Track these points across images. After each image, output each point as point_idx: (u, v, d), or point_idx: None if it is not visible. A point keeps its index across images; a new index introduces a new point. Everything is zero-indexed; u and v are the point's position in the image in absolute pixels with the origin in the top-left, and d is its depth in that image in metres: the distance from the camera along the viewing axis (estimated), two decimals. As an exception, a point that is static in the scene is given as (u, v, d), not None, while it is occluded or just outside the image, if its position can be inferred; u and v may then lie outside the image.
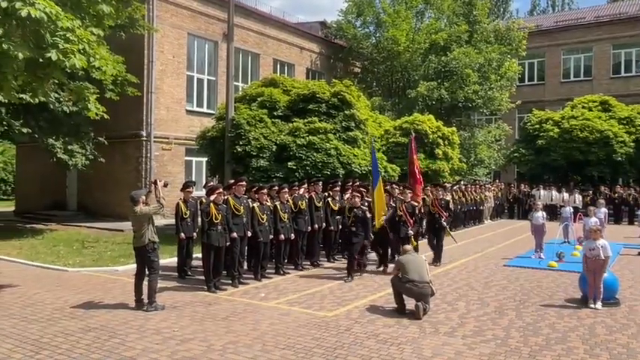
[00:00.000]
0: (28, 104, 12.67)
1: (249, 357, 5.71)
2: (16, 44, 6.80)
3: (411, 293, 7.52)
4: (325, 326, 6.90)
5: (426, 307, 7.43)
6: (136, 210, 7.68)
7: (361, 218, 10.11)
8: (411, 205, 11.01)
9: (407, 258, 7.90)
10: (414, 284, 7.47)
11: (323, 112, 15.17)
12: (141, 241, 7.74)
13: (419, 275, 7.56)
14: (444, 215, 11.91)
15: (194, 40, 20.81)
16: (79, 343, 6.15)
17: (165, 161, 19.32)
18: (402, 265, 7.75)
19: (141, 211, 7.67)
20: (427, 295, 7.54)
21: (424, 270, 7.70)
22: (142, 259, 7.86)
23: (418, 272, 7.58)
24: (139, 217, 7.71)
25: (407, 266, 7.66)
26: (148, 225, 7.72)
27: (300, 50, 26.27)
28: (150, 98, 18.68)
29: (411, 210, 10.96)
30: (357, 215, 10.09)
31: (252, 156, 14.12)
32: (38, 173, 21.55)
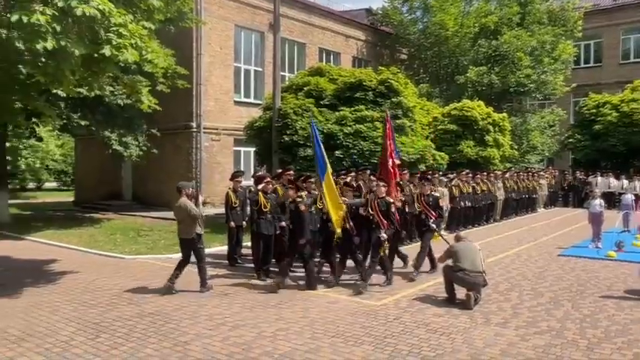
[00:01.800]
0: (85, 98, 13.21)
1: (299, 344, 5.78)
2: (73, 41, 7.04)
3: (462, 282, 7.38)
4: (374, 315, 6.89)
5: (477, 296, 7.29)
6: (180, 201, 7.89)
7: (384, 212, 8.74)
8: (384, 202, 8.70)
9: (460, 246, 7.73)
10: (465, 273, 7.33)
11: (370, 100, 15.05)
12: (187, 233, 7.97)
13: (472, 264, 7.40)
14: (432, 215, 9.61)
15: (241, 31, 21.02)
16: (135, 327, 6.39)
17: (215, 152, 19.70)
18: (454, 253, 7.60)
19: (184, 204, 7.86)
20: (479, 285, 7.39)
21: (478, 259, 7.52)
22: (188, 250, 8.15)
23: (471, 261, 7.42)
24: (181, 209, 7.90)
25: (459, 254, 7.51)
26: (190, 219, 7.94)
27: (345, 38, 26.09)
28: (199, 90, 19.04)
29: (385, 208, 8.66)
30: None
31: (299, 145, 14.18)
32: (95, 165, 22.44)
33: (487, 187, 16.83)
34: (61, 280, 9.06)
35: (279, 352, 5.53)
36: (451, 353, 5.50)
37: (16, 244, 13.08)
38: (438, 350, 5.59)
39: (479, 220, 16.66)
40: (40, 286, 8.58)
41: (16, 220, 16.61)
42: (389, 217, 8.63)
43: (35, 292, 8.16)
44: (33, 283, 8.75)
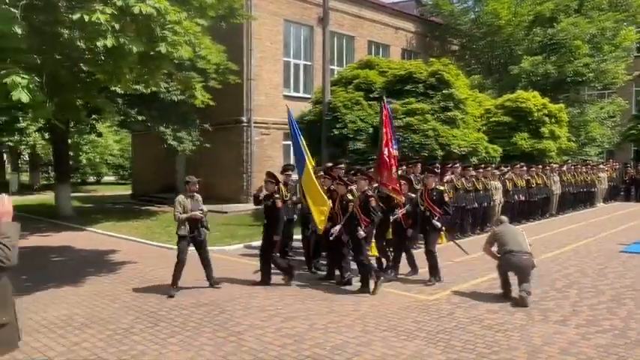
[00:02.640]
0: (142, 95, 13.66)
1: (350, 337, 5.79)
2: (131, 39, 7.27)
3: (512, 266, 7.15)
4: (426, 310, 6.81)
5: (528, 291, 7.02)
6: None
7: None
8: (364, 197, 8.03)
9: (502, 228, 7.53)
10: (513, 254, 7.12)
11: (420, 92, 14.85)
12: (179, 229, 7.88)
13: (518, 245, 7.20)
14: (437, 212, 8.55)
15: (290, 26, 21.13)
16: (191, 317, 6.57)
17: (265, 146, 19.93)
18: (498, 236, 7.39)
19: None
20: (529, 267, 7.15)
21: (522, 240, 7.32)
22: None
23: (517, 242, 7.23)
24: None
25: (504, 237, 7.32)
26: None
27: (395, 30, 25.77)
28: (249, 85, 19.30)
29: (364, 203, 7.95)
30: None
31: (348, 139, 14.17)
32: (151, 159, 23.17)
33: (542, 181, 16.29)
34: (121, 270, 9.44)
35: (330, 345, 5.55)
36: (507, 350, 5.37)
37: (79, 234, 13.71)
38: (494, 347, 5.46)
39: (533, 215, 16.16)
40: (102, 275, 8.97)
41: (78, 213, 17.40)
42: (369, 213, 7.88)
43: (97, 281, 8.53)
44: (95, 272, 9.15)
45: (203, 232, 7.91)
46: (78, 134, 25.34)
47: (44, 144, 27.02)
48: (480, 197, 13.18)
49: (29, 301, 6.99)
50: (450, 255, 10.16)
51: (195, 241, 7.89)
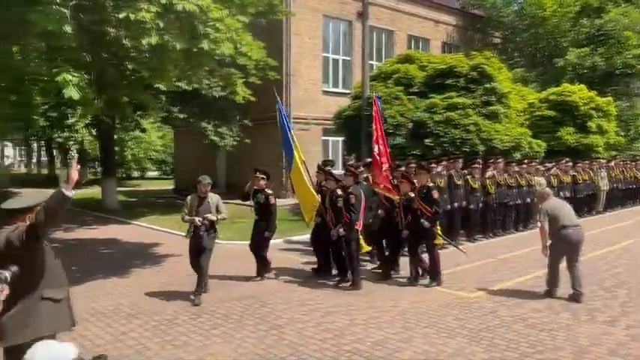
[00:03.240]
0: (184, 91, 13.93)
1: (391, 333, 5.77)
2: (174, 36, 7.44)
3: (570, 242, 6.93)
4: (468, 307, 6.71)
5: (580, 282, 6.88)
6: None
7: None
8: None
9: (553, 204, 7.21)
10: (568, 229, 6.93)
11: (461, 86, 14.58)
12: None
13: (570, 218, 7.04)
14: (428, 211, 7.89)
15: (329, 21, 21.10)
16: (233, 309, 6.68)
17: (304, 141, 19.95)
18: (552, 210, 7.04)
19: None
20: (582, 242, 7.03)
21: (570, 211, 7.18)
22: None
23: (568, 215, 7.07)
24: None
25: (557, 210, 7.04)
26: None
27: (435, 24, 25.38)
28: (288, 81, 19.39)
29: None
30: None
31: (388, 134, 13.99)
32: (193, 154, 23.61)
33: (589, 177, 15.76)
34: (165, 262, 9.68)
35: (371, 340, 5.55)
36: (552, 350, 5.24)
37: (125, 228, 14.13)
38: (538, 347, 5.34)
39: (579, 212, 15.58)
40: (146, 267, 9.22)
41: (123, 206, 17.92)
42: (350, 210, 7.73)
43: (142, 273, 8.78)
44: (140, 264, 9.42)
45: (206, 237, 7.04)
46: (123, 130, 26.05)
47: (91, 140, 27.94)
48: (523, 193, 12.87)
49: (79, 291, 7.25)
50: (492, 252, 10.00)
51: (196, 244, 7.12)
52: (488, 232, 12.06)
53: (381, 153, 8.64)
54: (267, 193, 8.12)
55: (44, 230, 3.26)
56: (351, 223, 7.74)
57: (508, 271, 8.75)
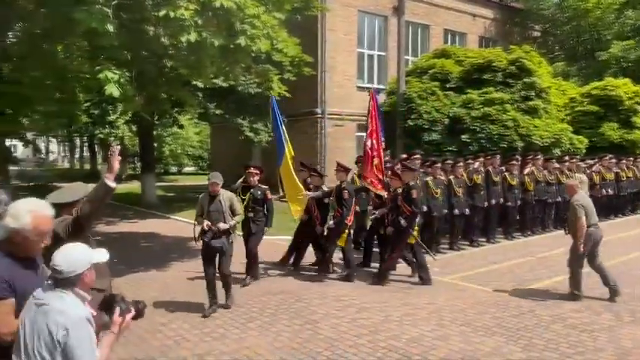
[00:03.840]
0: (220, 88, 14.11)
1: (426, 330, 5.73)
2: (212, 33, 7.54)
3: (595, 240, 6.82)
4: (505, 306, 6.61)
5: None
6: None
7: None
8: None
9: (586, 199, 6.95)
10: (596, 227, 6.86)
11: (499, 81, 14.35)
12: None
13: (595, 217, 6.93)
14: (407, 210, 7.66)
15: (364, 16, 20.99)
16: (268, 303, 6.76)
17: (338, 137, 20.00)
18: (585, 207, 6.79)
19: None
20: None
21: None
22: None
23: (594, 213, 6.94)
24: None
25: (589, 208, 6.84)
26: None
27: (472, 18, 24.92)
28: (323, 77, 19.40)
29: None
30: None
31: (423, 129, 13.96)
32: (228, 150, 23.91)
33: (633, 174, 15.23)
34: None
35: (406, 337, 5.53)
36: (593, 351, 5.11)
37: (163, 222, 14.44)
38: (579, 347, 5.22)
39: (622, 210, 15.15)
40: (184, 261, 9.41)
41: (162, 201, 18.31)
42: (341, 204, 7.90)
43: (180, 267, 8.96)
44: (178, 258, 9.62)
45: (221, 240, 6.24)
46: (162, 127, 26.58)
47: (131, 136, 28.61)
48: (563, 191, 12.52)
49: (121, 283, 7.45)
50: (530, 250, 9.82)
51: (205, 250, 6.39)
52: (527, 229, 11.82)
53: (373, 148, 8.53)
54: (263, 188, 7.96)
55: (89, 221, 3.37)
56: (342, 217, 7.89)
57: (546, 270, 8.56)
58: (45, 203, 2.78)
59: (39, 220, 2.65)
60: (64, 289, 2.44)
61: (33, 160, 47.09)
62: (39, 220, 2.65)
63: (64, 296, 2.43)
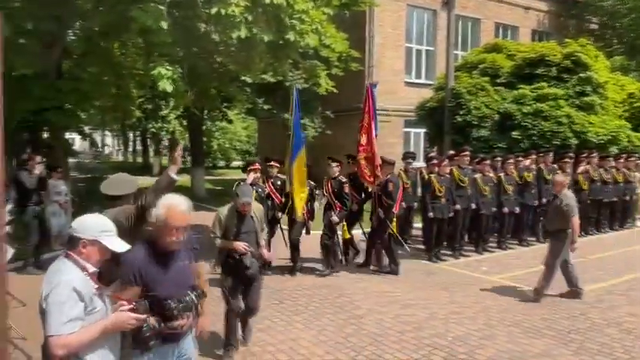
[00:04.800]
0: (268, 83, 14.28)
1: (472, 329, 5.65)
2: (262, 29, 7.66)
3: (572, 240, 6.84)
4: (555, 308, 6.43)
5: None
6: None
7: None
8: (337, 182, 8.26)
9: (573, 198, 6.92)
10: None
11: (553, 76, 13.84)
12: None
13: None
14: (385, 202, 8.05)
15: (413, 11, 20.73)
16: (313, 297, 6.82)
17: (385, 133, 19.84)
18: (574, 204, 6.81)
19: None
20: None
21: None
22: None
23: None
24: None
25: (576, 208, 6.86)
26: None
27: (524, 10, 24.17)
28: (370, 72, 19.30)
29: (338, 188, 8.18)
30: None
31: (472, 126, 13.66)
32: (275, 145, 24.12)
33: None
34: (248, 249, 10.00)
35: (452, 335, 5.47)
36: (650, 358, 4.91)
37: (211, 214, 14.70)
38: (633, 353, 5.02)
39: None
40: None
41: (210, 194, 18.74)
42: (342, 198, 8.13)
43: (227, 258, 9.13)
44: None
45: (251, 260, 4.99)
46: (211, 121, 27.15)
47: (181, 130, 29.36)
48: (620, 190, 12.04)
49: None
50: (584, 251, 9.47)
51: (240, 277, 5.07)
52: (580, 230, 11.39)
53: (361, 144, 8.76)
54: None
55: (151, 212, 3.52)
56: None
57: (601, 271, 8.26)
58: (183, 199, 2.86)
59: (171, 214, 2.75)
60: (69, 253, 2.50)
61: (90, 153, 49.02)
62: (171, 213, 2.75)
63: (65, 261, 2.49)
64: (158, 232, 2.80)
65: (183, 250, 2.96)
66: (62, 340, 2.27)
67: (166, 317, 2.72)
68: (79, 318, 2.34)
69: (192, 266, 3.08)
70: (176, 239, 2.79)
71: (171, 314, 2.73)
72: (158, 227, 2.78)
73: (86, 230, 2.50)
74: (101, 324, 2.44)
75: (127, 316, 2.52)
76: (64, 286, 2.33)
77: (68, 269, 2.44)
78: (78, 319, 2.33)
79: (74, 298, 2.33)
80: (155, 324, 2.66)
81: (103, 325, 2.44)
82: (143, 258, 2.76)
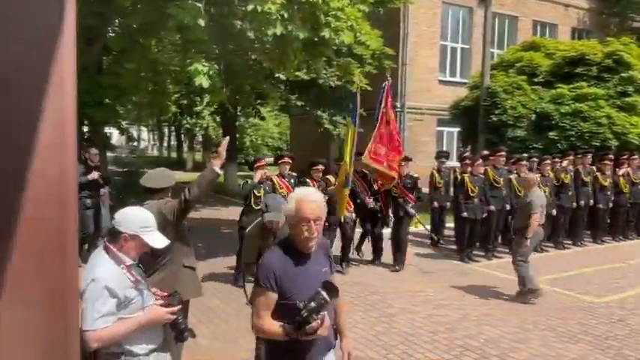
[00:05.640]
0: (301, 81, 14.34)
1: (505, 332, 5.56)
2: (297, 26, 7.68)
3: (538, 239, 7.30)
4: (593, 313, 6.27)
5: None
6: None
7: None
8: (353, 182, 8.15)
9: (540, 197, 7.01)
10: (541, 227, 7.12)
11: (593, 75, 13.47)
12: None
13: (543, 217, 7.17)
14: (412, 199, 8.42)
15: (448, 8, 20.47)
16: (344, 294, 6.71)
17: (418, 131, 19.72)
18: (541, 205, 6.85)
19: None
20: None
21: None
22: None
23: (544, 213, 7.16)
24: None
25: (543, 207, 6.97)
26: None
27: (564, 8, 23.59)
28: (404, 70, 19.16)
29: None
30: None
31: (507, 125, 13.42)
32: (307, 142, 24.24)
33: None
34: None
35: (484, 337, 5.40)
36: (693, 368, 4.75)
37: (242, 210, 14.90)
38: (675, 362, 4.87)
39: None
40: (263, 248, 9.68)
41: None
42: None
43: (259, 254, 9.23)
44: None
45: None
46: (244, 117, 27.40)
47: (215, 126, 29.74)
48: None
49: (203, 266, 7.82)
50: (623, 256, 9.25)
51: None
52: (618, 234, 11.09)
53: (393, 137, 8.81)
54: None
55: (194, 204, 3.60)
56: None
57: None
58: (314, 191, 2.66)
59: (300, 206, 2.49)
60: (108, 246, 2.55)
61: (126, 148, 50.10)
62: (301, 205, 2.49)
63: (103, 254, 2.54)
64: (291, 230, 2.57)
65: (323, 255, 2.70)
66: (95, 335, 2.35)
67: (298, 323, 2.33)
68: (111, 313, 2.41)
69: (332, 277, 2.73)
70: (309, 235, 2.47)
71: (301, 318, 2.32)
72: (291, 225, 2.55)
73: (128, 224, 2.55)
74: (136, 320, 2.50)
75: (162, 311, 2.59)
76: (98, 283, 2.40)
77: (104, 264, 2.50)
78: (110, 314, 2.41)
79: (106, 294, 2.40)
80: (292, 332, 2.36)
81: (138, 322, 2.50)
82: (278, 261, 2.52)
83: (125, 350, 2.49)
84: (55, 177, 1.45)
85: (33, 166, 1.41)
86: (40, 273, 1.45)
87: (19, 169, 1.40)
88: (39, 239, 1.44)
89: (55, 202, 1.46)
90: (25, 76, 1.40)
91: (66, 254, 1.50)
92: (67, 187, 1.49)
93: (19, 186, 1.40)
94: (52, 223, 1.46)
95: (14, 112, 1.39)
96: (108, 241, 2.58)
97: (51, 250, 1.46)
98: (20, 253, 1.41)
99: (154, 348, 2.61)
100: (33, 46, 1.40)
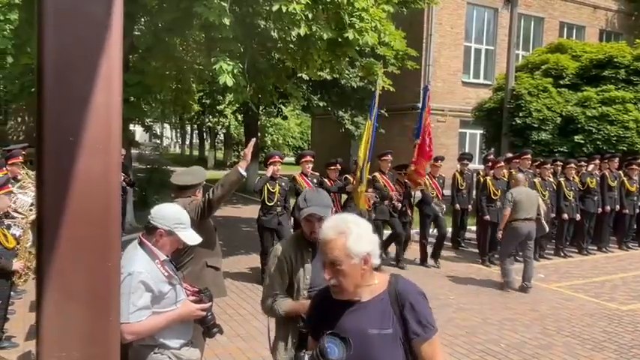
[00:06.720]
0: (324, 81, 14.32)
1: (528, 337, 5.49)
2: (322, 26, 7.69)
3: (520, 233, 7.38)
4: (618, 320, 6.15)
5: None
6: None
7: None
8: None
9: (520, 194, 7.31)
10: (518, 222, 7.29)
11: (621, 78, 13.21)
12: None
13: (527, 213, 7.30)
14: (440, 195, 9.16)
15: (473, 9, 20.28)
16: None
17: (440, 133, 19.56)
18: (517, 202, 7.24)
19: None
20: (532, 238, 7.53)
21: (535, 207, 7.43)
22: None
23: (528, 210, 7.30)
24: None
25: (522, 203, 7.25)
26: None
27: (592, 10, 23.17)
28: (427, 71, 19.04)
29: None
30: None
31: (532, 128, 13.23)
32: (328, 142, 24.26)
33: None
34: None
35: (505, 342, 5.34)
36: None
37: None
38: (703, 373, 4.75)
39: None
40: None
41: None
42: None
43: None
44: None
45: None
46: (266, 116, 27.54)
47: (237, 125, 29.94)
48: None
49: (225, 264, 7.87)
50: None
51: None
52: (645, 239, 10.86)
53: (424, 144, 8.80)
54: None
55: (219, 204, 3.61)
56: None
57: (668, 285, 7.83)
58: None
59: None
60: (143, 240, 2.59)
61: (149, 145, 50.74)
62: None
63: (138, 248, 2.58)
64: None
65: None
66: (130, 328, 2.40)
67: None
68: (146, 307, 2.47)
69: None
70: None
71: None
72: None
73: (164, 220, 2.60)
74: (169, 316, 2.55)
75: (194, 307, 2.65)
76: (133, 277, 2.44)
77: (139, 259, 2.54)
78: (145, 308, 2.46)
79: (141, 289, 2.45)
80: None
81: (171, 318, 2.56)
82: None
83: (158, 343, 2.55)
84: (100, 173, 1.47)
85: (80, 162, 1.43)
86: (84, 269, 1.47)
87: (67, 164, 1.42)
88: (84, 234, 1.46)
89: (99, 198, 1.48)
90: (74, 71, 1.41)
91: (110, 250, 1.51)
92: (111, 183, 1.51)
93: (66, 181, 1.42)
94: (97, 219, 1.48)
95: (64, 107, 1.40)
96: (143, 236, 2.63)
97: (95, 246, 1.48)
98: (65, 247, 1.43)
99: (185, 342, 2.66)
100: (82, 41, 1.41)
